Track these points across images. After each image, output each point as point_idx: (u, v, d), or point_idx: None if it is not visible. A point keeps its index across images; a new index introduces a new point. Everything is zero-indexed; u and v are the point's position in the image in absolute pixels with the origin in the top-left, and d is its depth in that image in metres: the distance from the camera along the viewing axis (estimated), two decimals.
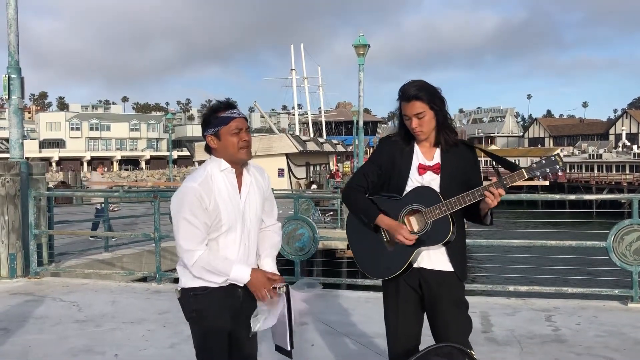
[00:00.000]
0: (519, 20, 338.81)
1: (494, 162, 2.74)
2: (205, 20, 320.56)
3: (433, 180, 2.70)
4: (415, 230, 2.66)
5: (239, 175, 2.63)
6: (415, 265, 2.71)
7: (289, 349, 2.55)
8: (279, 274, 2.71)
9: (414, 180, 2.71)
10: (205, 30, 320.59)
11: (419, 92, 2.63)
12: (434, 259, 2.70)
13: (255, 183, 2.68)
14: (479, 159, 2.88)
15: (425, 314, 2.79)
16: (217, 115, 2.54)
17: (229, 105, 2.58)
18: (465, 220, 2.79)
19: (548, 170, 2.59)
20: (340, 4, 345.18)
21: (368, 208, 2.73)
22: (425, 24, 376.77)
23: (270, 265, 2.72)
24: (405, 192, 2.70)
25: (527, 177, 2.58)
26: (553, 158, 2.60)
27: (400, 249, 2.67)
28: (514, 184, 2.62)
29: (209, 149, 2.61)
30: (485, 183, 2.67)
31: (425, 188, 2.66)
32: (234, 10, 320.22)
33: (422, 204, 2.64)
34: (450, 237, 2.62)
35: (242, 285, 2.54)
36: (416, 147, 2.75)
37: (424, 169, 2.71)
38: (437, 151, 2.74)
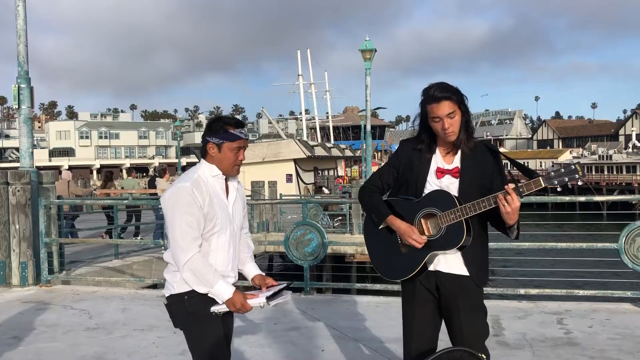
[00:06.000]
0: (523, 24, 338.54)
1: (511, 168, 2.71)
2: (211, 30, 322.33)
3: (452, 184, 2.67)
4: (430, 234, 2.64)
5: (225, 182, 2.76)
6: (431, 268, 2.70)
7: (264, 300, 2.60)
8: (263, 274, 2.85)
9: (432, 184, 2.69)
10: (211, 39, 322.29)
11: (447, 92, 2.61)
12: (451, 262, 2.68)
13: (238, 191, 2.81)
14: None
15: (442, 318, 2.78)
16: (226, 129, 2.65)
17: (239, 123, 2.70)
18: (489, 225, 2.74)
19: (567, 179, 2.50)
20: (343, 13, 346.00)
21: (379, 208, 2.74)
22: (425, 31, 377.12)
23: (254, 270, 2.88)
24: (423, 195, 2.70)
25: (544, 185, 2.50)
26: (573, 167, 2.51)
27: (414, 251, 2.66)
28: (530, 192, 2.53)
29: (204, 154, 2.71)
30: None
31: (442, 192, 2.64)
32: (239, 19, 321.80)
33: (437, 208, 2.62)
34: (463, 243, 2.59)
35: (220, 302, 2.61)
36: (437, 150, 2.74)
37: (442, 173, 2.69)
38: (458, 155, 2.71)
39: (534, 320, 5.52)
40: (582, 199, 6.88)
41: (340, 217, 18.91)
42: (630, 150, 69.58)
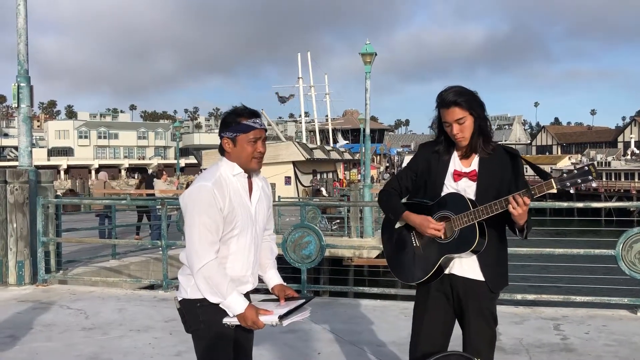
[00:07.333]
0: (523, 31, 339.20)
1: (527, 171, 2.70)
2: (211, 32, 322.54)
3: (469, 188, 2.66)
4: (443, 238, 2.63)
5: (249, 180, 2.62)
6: (446, 271, 2.69)
7: (277, 318, 2.43)
8: (284, 283, 2.72)
9: (449, 187, 2.69)
10: (211, 41, 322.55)
11: (458, 97, 2.60)
12: (465, 266, 2.68)
13: (263, 190, 2.67)
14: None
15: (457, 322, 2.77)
16: (239, 121, 2.50)
17: (253, 113, 2.54)
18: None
19: (580, 180, 2.44)
20: (344, 18, 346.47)
21: (396, 206, 2.76)
22: (424, 37, 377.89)
23: (275, 278, 2.73)
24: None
25: (556, 187, 2.45)
26: (586, 168, 2.44)
27: (429, 254, 2.66)
28: (542, 194, 2.48)
29: (222, 150, 2.58)
30: None
31: (456, 195, 2.64)
32: (240, 22, 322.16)
33: (451, 211, 2.61)
34: (476, 247, 2.58)
35: (231, 315, 2.46)
36: (454, 153, 2.73)
37: (459, 176, 2.69)
38: (475, 158, 2.70)
39: (531, 326, 5.51)
40: (580, 205, 6.90)
41: (338, 220, 18.88)
42: (628, 157, 69.61)
